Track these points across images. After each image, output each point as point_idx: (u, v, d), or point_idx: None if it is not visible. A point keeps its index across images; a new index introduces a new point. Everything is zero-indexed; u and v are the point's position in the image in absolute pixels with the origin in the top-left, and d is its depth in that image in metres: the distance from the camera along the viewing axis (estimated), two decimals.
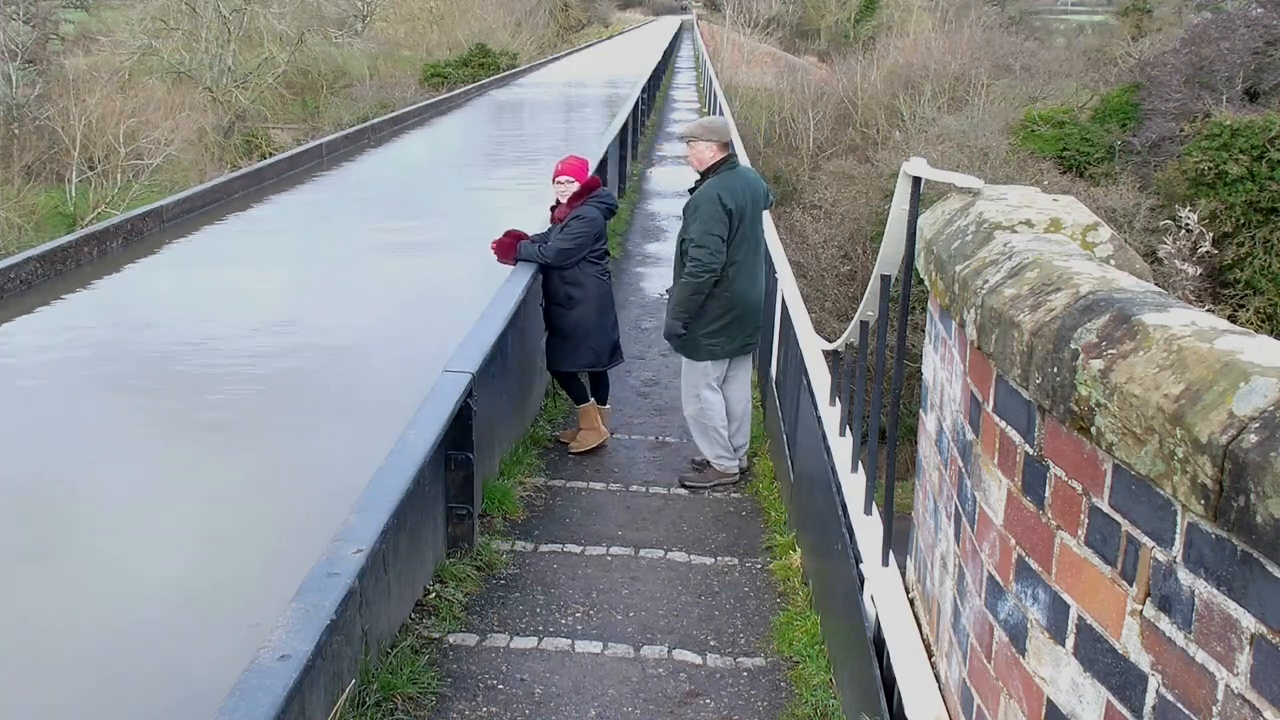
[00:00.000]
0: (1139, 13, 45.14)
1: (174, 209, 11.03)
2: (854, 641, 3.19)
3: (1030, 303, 1.74)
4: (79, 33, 40.74)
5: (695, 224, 5.48)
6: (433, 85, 37.17)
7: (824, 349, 4.70)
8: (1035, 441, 1.75)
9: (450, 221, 12.65)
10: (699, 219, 5.47)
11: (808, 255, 22.36)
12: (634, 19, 76.09)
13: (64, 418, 6.64)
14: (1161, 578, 1.39)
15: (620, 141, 14.44)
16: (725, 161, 5.56)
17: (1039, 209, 2.20)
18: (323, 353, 7.89)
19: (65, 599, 4.75)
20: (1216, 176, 23.55)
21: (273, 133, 35.29)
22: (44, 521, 5.42)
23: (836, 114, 35.78)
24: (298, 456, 6.18)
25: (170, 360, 7.62)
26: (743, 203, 5.50)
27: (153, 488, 5.76)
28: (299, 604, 2.93)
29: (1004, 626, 1.89)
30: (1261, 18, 29.17)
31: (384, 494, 3.60)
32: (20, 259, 8.58)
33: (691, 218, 5.52)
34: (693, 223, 5.50)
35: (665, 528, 5.39)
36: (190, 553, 5.08)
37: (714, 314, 5.63)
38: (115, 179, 26.30)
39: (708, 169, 5.56)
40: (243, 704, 2.50)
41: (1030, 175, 22.78)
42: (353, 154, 16.66)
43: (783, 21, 59.43)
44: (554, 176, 6.18)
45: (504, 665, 3.96)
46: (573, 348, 6.18)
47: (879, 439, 3.27)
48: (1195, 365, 1.32)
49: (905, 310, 2.72)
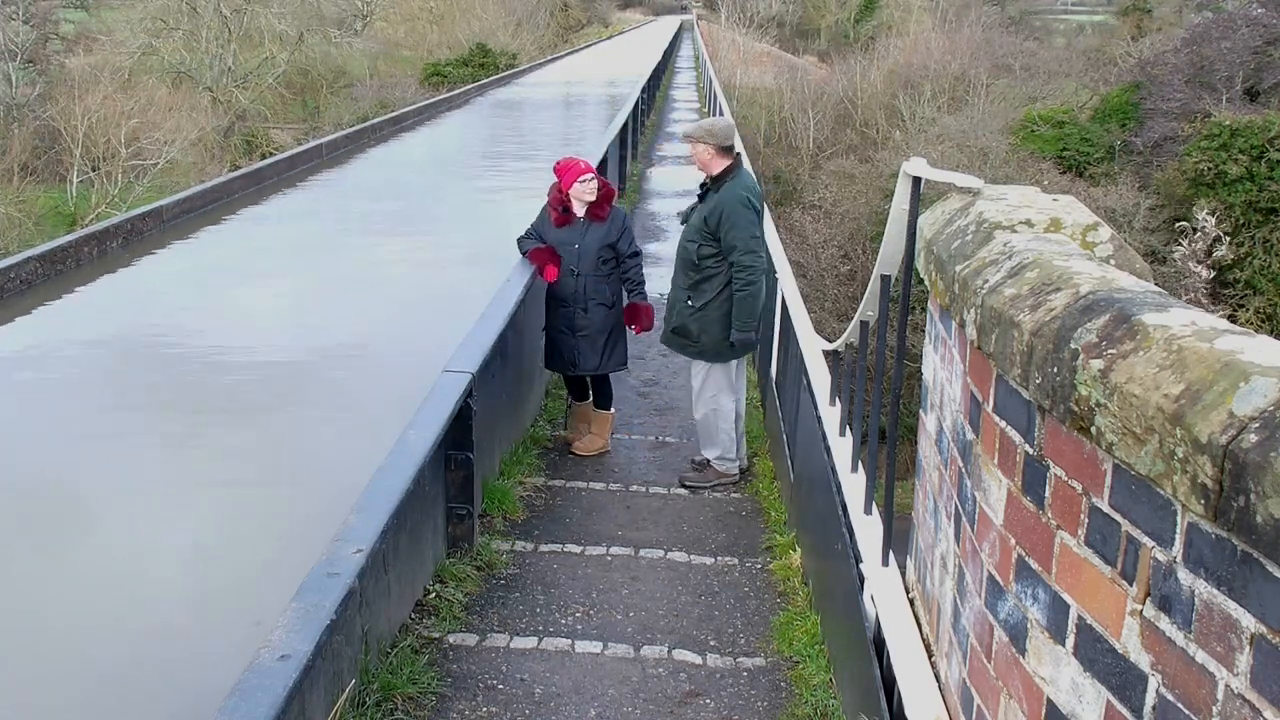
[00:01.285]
0: (1139, 13, 45.17)
1: (174, 209, 11.02)
2: (854, 641, 3.19)
3: (1030, 303, 1.74)
4: (79, 33, 40.73)
5: (735, 232, 5.39)
6: (433, 85, 37.20)
7: (824, 349, 4.70)
8: (1035, 441, 1.75)
9: (450, 221, 12.65)
10: (737, 226, 5.39)
11: (808, 255, 22.37)
12: (634, 19, 76.10)
13: (64, 418, 6.64)
14: (1161, 578, 1.39)
15: (620, 141, 14.44)
16: (738, 163, 5.56)
17: (1039, 209, 2.20)
18: (323, 352, 7.88)
19: (66, 598, 4.75)
20: (1216, 176, 23.57)
21: (273, 133, 35.30)
22: (49, 521, 5.42)
23: (836, 114, 35.78)
24: (297, 456, 6.17)
25: (170, 360, 7.62)
26: (760, 204, 5.55)
27: (152, 487, 5.75)
28: (299, 604, 2.93)
29: (1004, 626, 1.89)
30: (1261, 17, 29.18)
31: (384, 494, 3.60)
32: (20, 259, 8.58)
33: (725, 225, 5.41)
34: (729, 230, 5.40)
35: (665, 528, 5.40)
36: (189, 553, 5.07)
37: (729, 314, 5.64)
38: (116, 180, 26.29)
39: (723, 172, 5.51)
40: (243, 704, 2.50)
41: (1030, 175, 22.79)
42: (353, 154, 16.66)
43: (782, 21, 59.46)
44: (576, 178, 5.89)
45: (504, 665, 3.96)
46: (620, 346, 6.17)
47: (879, 439, 3.27)
48: (1195, 365, 1.32)
49: (905, 310, 2.72)
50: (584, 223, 5.95)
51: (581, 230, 5.94)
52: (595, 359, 6.02)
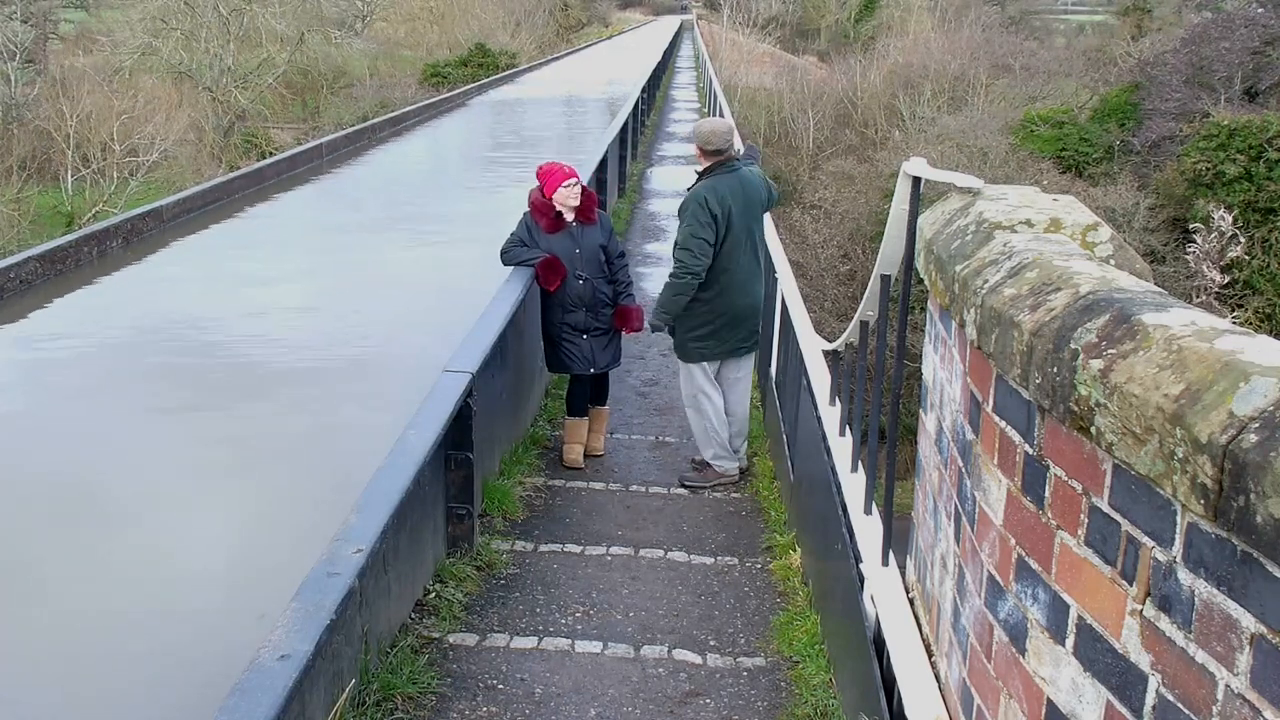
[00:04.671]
0: (1139, 12, 45.13)
1: (174, 209, 11.02)
2: (854, 641, 3.19)
3: (1030, 303, 1.74)
4: (79, 32, 40.73)
5: (681, 227, 5.53)
6: (433, 85, 37.17)
7: (824, 349, 4.70)
8: (1035, 441, 1.75)
9: (451, 220, 12.66)
10: (685, 221, 5.51)
11: (808, 255, 22.36)
12: (634, 19, 76.10)
13: (65, 417, 6.64)
14: (1161, 578, 1.39)
15: (620, 141, 14.44)
16: (723, 164, 5.56)
17: (1039, 209, 2.20)
18: (323, 352, 7.89)
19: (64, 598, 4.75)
20: (1214, 177, 23.55)
21: (273, 133, 35.29)
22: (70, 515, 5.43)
23: (836, 114, 35.76)
24: (296, 456, 6.18)
25: (170, 360, 7.63)
26: (730, 206, 5.46)
27: (150, 485, 5.76)
28: (299, 603, 2.94)
29: (1004, 626, 1.89)
30: (1261, 17, 29.19)
31: (384, 494, 3.60)
32: (20, 259, 8.58)
33: (681, 219, 5.56)
34: (680, 224, 5.55)
35: (665, 528, 5.40)
36: (191, 552, 5.08)
37: (702, 319, 5.65)
38: (111, 177, 26.27)
39: (705, 170, 5.58)
40: (243, 703, 2.50)
41: (1030, 175, 22.78)
42: (353, 154, 16.66)
43: (782, 21, 59.41)
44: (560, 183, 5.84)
45: (504, 665, 3.96)
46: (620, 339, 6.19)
47: (879, 439, 3.26)
48: (1195, 365, 1.32)
49: (905, 310, 2.72)
50: (577, 227, 5.93)
51: (577, 235, 5.92)
52: (609, 356, 6.09)
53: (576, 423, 6.16)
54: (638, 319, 6.08)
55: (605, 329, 6.00)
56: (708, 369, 5.81)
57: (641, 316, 6.11)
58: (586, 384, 6.15)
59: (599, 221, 6.00)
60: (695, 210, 5.45)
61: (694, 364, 5.79)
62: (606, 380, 6.33)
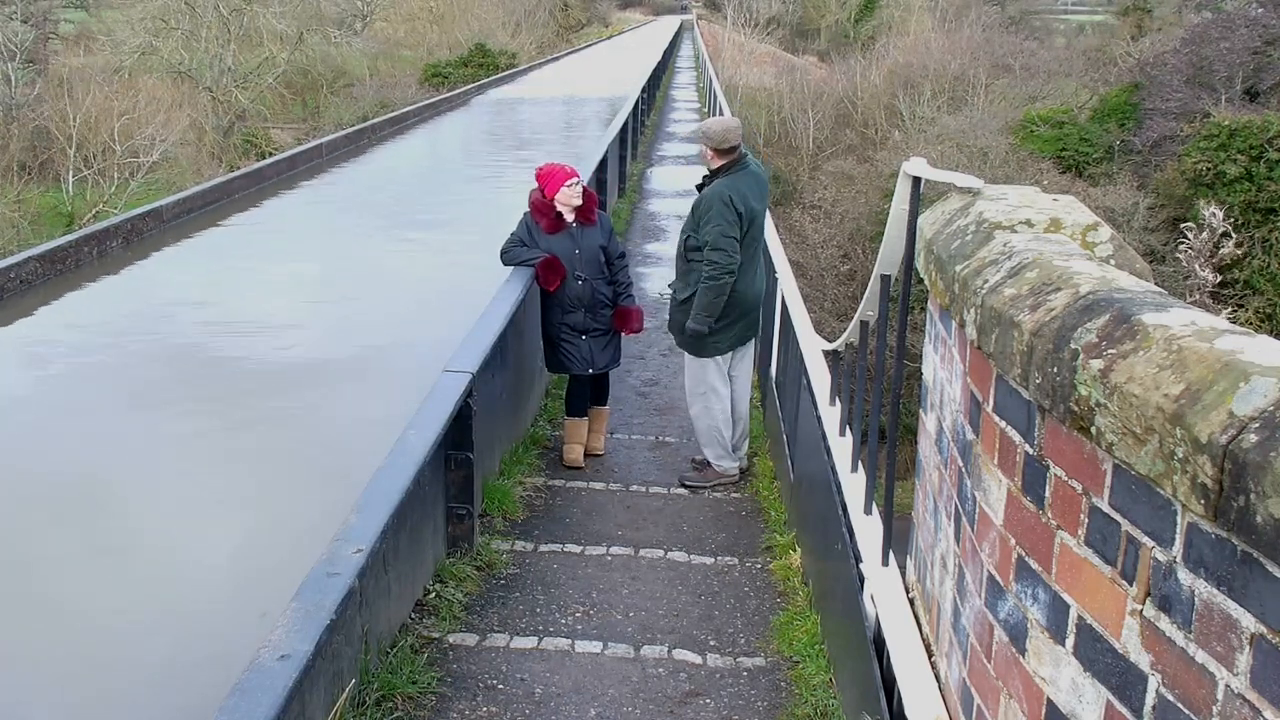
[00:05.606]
0: (1139, 12, 45.14)
1: (174, 209, 11.03)
2: (854, 641, 3.19)
3: (1030, 303, 1.74)
4: (79, 32, 40.73)
5: (709, 227, 5.45)
6: (433, 85, 37.18)
7: (824, 349, 4.70)
8: (1035, 441, 1.75)
9: (451, 220, 12.66)
10: (712, 222, 5.44)
11: (808, 255, 22.37)
12: (634, 19, 76.11)
13: (65, 417, 6.65)
14: (1161, 578, 1.39)
15: (620, 141, 14.44)
16: (736, 162, 5.56)
17: (1039, 209, 2.20)
18: (323, 352, 7.89)
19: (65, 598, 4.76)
20: (1215, 177, 23.55)
21: (273, 133, 35.29)
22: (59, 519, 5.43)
23: (836, 114, 35.75)
24: (297, 456, 6.18)
25: (170, 360, 7.63)
26: (751, 205, 5.51)
27: (151, 485, 5.76)
28: (299, 603, 2.93)
29: (1004, 626, 1.89)
30: (1261, 17, 29.19)
31: (384, 494, 3.60)
32: (20, 259, 8.59)
33: (704, 219, 5.49)
34: (705, 224, 5.48)
35: (665, 528, 5.40)
36: (191, 552, 5.08)
37: (722, 313, 5.65)
38: (112, 177, 26.27)
39: (719, 168, 5.56)
40: (243, 703, 2.50)
41: (1030, 175, 22.79)
42: (353, 154, 16.67)
43: (783, 21, 59.42)
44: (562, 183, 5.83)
45: (504, 665, 3.96)
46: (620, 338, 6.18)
47: (879, 439, 3.27)
48: (1195, 365, 1.32)
49: (905, 310, 2.72)
50: (577, 228, 5.93)
51: (577, 236, 5.91)
52: (608, 356, 6.08)
53: (576, 423, 6.15)
54: (637, 320, 6.07)
55: (604, 330, 5.99)
56: (722, 364, 5.81)
57: (641, 318, 6.11)
58: (586, 384, 6.13)
59: (599, 222, 6.00)
60: (720, 210, 5.43)
61: (709, 358, 5.78)
62: (607, 380, 6.32)
